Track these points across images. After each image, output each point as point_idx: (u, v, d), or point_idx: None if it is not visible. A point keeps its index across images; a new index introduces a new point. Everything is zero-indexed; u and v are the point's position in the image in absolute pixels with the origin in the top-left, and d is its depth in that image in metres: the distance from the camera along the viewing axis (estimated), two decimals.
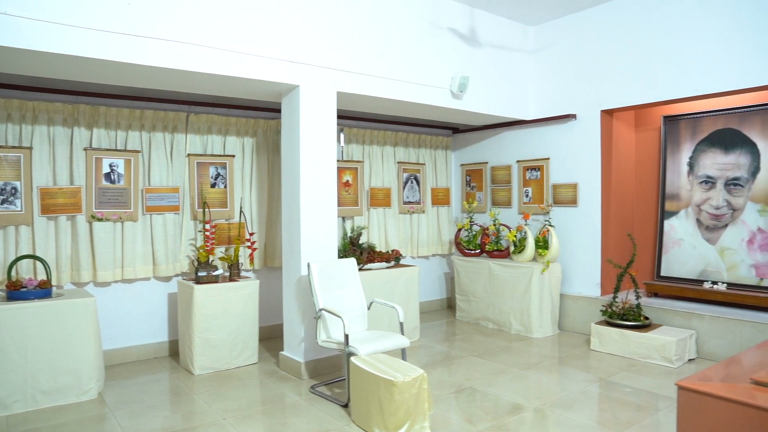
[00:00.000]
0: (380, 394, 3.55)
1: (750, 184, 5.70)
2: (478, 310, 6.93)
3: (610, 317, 5.67)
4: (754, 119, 5.70)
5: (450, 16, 6.09)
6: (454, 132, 8.12)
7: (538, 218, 6.79)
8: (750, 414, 2.36)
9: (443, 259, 8.05)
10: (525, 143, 7.13)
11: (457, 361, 5.46)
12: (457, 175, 8.12)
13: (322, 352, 5.00)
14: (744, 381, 2.61)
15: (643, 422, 3.92)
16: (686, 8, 5.56)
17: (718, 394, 2.44)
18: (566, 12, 6.51)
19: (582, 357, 5.54)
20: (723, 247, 5.84)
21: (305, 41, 4.89)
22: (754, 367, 2.86)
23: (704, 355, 5.38)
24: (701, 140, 6.08)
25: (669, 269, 6.22)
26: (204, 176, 5.81)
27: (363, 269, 5.74)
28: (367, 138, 7.13)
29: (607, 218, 6.41)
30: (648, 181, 6.69)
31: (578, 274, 6.55)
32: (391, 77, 5.54)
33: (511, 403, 4.30)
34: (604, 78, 6.27)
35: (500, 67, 6.67)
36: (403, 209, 7.46)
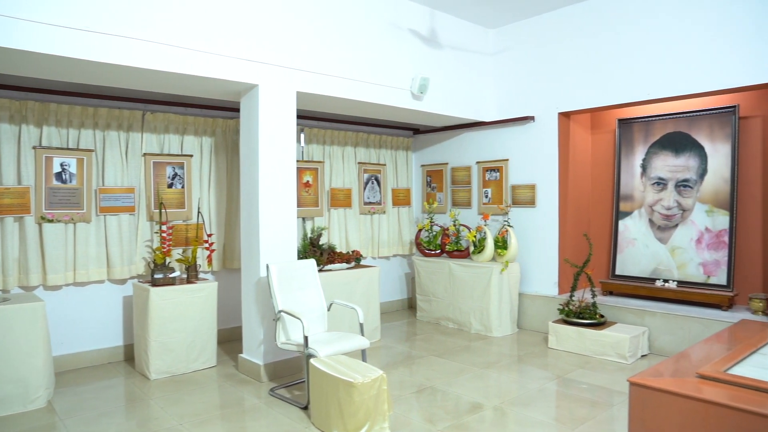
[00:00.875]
0: (340, 395, 3.54)
1: (698, 185, 5.89)
2: (438, 310, 6.98)
3: (567, 316, 5.78)
4: (701, 123, 5.90)
5: (411, 18, 6.12)
6: (415, 133, 8.16)
7: (497, 219, 6.88)
8: (696, 407, 2.44)
9: (404, 259, 8.08)
10: (484, 144, 7.21)
11: (418, 361, 5.49)
12: (418, 176, 8.17)
13: (281, 354, 4.96)
14: (691, 375, 2.69)
15: (597, 417, 4.01)
16: (639, 17, 5.72)
17: (666, 388, 2.51)
18: (525, 15, 6.62)
19: (540, 355, 5.63)
20: (674, 246, 6.02)
21: (264, 40, 4.84)
22: (701, 362, 2.96)
23: (656, 351, 5.54)
24: (653, 143, 6.26)
25: (623, 268, 6.39)
26: (161, 176, 5.68)
27: (323, 270, 5.71)
28: (327, 138, 7.10)
29: (565, 218, 6.54)
30: (603, 183, 6.86)
31: (536, 273, 6.66)
32: (351, 77, 5.53)
33: (471, 402, 4.33)
34: (561, 81, 6.40)
35: (460, 69, 6.73)
36: (364, 210, 7.46)
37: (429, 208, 7.37)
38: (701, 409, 2.44)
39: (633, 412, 2.66)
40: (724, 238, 5.68)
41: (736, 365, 2.89)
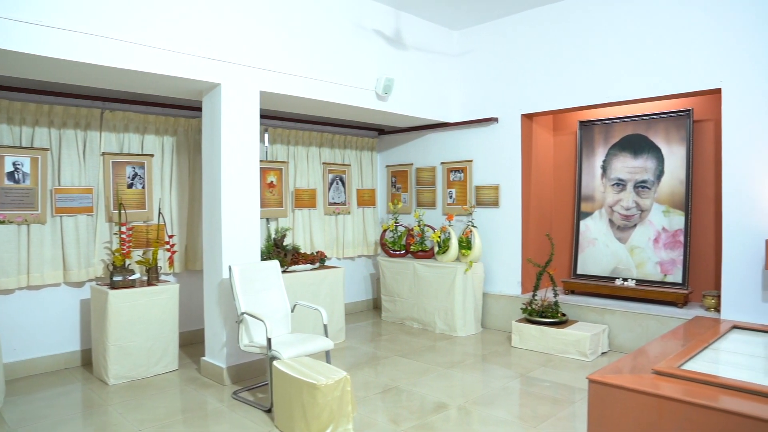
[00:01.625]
0: (303, 397, 3.51)
1: (656, 186, 6.05)
2: (403, 310, 6.99)
3: (529, 315, 5.86)
4: (658, 126, 6.06)
5: (376, 18, 6.12)
6: (380, 133, 8.16)
7: (461, 219, 6.93)
8: (652, 402, 2.50)
9: (369, 260, 8.07)
10: (449, 145, 7.26)
11: (383, 361, 5.49)
12: (383, 177, 8.17)
13: (244, 356, 4.89)
14: (647, 372, 2.76)
15: (559, 414, 4.07)
16: (600, 22, 5.85)
17: (624, 385, 2.57)
18: (490, 18, 6.69)
19: (503, 354, 5.69)
20: (633, 245, 6.16)
21: (227, 39, 4.78)
22: (657, 358, 3.03)
23: (615, 348, 5.66)
24: (613, 145, 6.39)
25: (584, 267, 6.50)
26: (120, 176, 5.55)
27: (287, 271, 5.66)
28: (292, 138, 7.05)
29: (527, 219, 6.63)
30: (565, 183, 6.98)
31: (500, 273, 6.74)
32: (316, 77, 5.51)
33: (436, 402, 4.35)
34: (524, 83, 6.49)
35: (425, 70, 6.76)
36: (329, 210, 7.43)
37: (394, 209, 7.39)
38: (657, 404, 2.50)
39: (592, 408, 2.71)
40: (680, 238, 5.84)
41: (690, 361, 2.98)
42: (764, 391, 2.48)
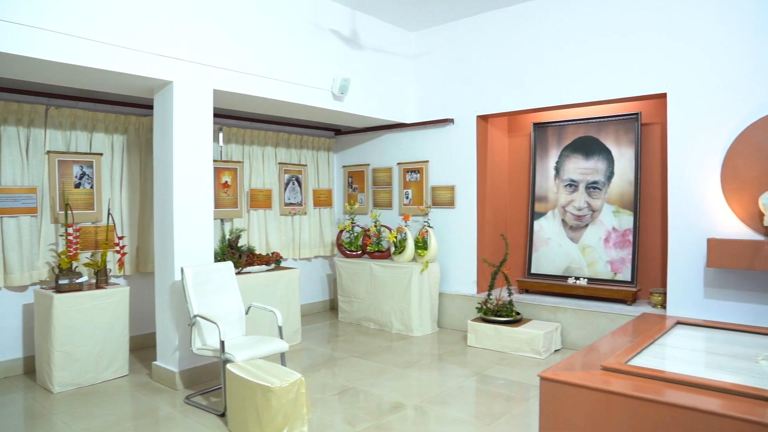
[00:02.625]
0: (257, 401, 3.46)
1: (606, 187, 6.20)
2: (360, 311, 6.98)
3: (485, 314, 5.92)
4: (609, 129, 6.22)
5: (332, 18, 6.08)
6: (337, 133, 8.13)
7: (417, 219, 6.96)
8: (601, 397, 2.55)
9: (326, 260, 8.02)
10: (405, 146, 7.29)
11: (340, 362, 5.46)
12: (339, 177, 8.14)
13: (197, 360, 4.79)
14: (596, 368, 2.82)
15: (513, 412, 4.13)
16: (554, 26, 5.97)
17: (573, 381, 2.62)
18: (446, 20, 6.74)
19: (459, 353, 5.74)
20: (584, 245, 6.31)
21: (180, 36, 4.66)
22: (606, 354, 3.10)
23: (568, 345, 5.78)
24: (566, 146, 6.53)
25: (538, 267, 6.62)
26: (67, 176, 5.36)
27: (242, 273, 5.57)
28: (247, 138, 6.95)
29: (483, 219, 6.71)
30: (520, 184, 7.09)
31: (456, 273, 6.80)
32: (271, 77, 5.44)
33: (392, 402, 4.35)
34: (480, 85, 6.56)
35: (381, 71, 6.77)
36: (285, 211, 7.35)
37: (350, 209, 7.37)
38: (605, 399, 2.55)
39: (543, 405, 2.76)
40: (629, 237, 6.01)
41: (637, 356, 3.06)
42: (705, 383, 2.57)
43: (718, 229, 4.95)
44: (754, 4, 4.78)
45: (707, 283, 5.02)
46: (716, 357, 3.42)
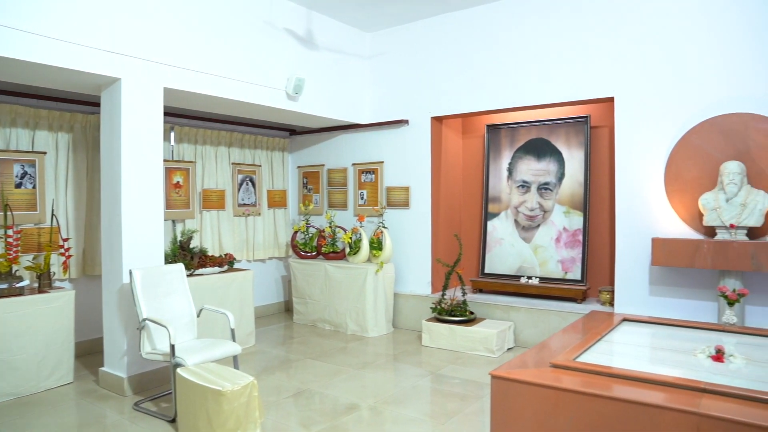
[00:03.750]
0: (208, 405, 3.39)
1: (557, 188, 6.35)
2: (315, 312, 6.94)
3: (439, 314, 5.97)
4: (560, 131, 6.37)
5: (287, 17, 6.03)
6: (291, 134, 8.06)
7: (372, 220, 6.97)
8: (550, 394, 2.61)
9: (280, 262, 7.95)
10: (360, 146, 7.29)
11: (295, 364, 5.41)
12: (294, 177, 8.08)
13: (147, 365, 4.66)
14: (546, 365, 2.88)
15: (467, 410, 4.17)
16: (507, 30, 6.07)
17: (523, 379, 2.66)
18: (401, 21, 6.77)
19: (414, 353, 5.77)
20: (536, 245, 6.43)
21: (129, 31, 4.54)
22: (556, 352, 3.17)
23: (521, 344, 5.89)
24: (518, 148, 6.65)
25: (492, 266, 6.72)
26: (6, 175, 5.14)
27: (194, 275, 5.46)
28: (200, 137, 6.82)
29: (437, 220, 6.77)
30: (473, 185, 7.18)
31: (410, 273, 6.83)
32: (224, 75, 5.35)
33: (347, 403, 4.34)
34: (434, 86, 6.62)
35: (336, 71, 6.75)
36: (238, 212, 7.24)
37: (305, 210, 7.32)
38: (554, 395, 2.61)
39: (495, 402, 2.80)
40: (579, 237, 6.16)
41: (585, 353, 3.14)
42: (648, 378, 2.65)
43: (661, 228, 5.12)
44: (696, 15, 4.97)
45: (652, 281, 5.19)
46: (659, 352, 3.54)
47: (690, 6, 5.00)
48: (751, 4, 4.74)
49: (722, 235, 4.71)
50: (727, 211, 4.64)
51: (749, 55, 4.75)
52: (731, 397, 2.44)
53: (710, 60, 4.91)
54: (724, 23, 4.85)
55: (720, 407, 2.33)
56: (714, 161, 4.86)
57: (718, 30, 4.87)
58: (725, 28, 4.85)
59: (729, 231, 4.65)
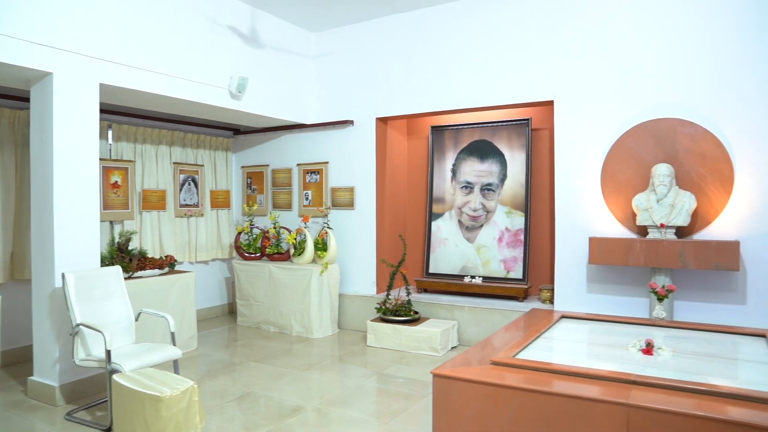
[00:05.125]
0: (146, 412, 3.29)
1: (500, 189, 6.48)
2: (259, 314, 6.85)
3: (384, 314, 6.00)
4: (502, 133, 6.51)
5: (231, 14, 5.94)
6: (235, 133, 7.93)
7: (317, 221, 6.94)
8: (490, 391, 2.66)
9: (223, 263, 7.80)
10: (305, 147, 7.24)
11: (238, 367, 5.33)
12: (238, 178, 7.95)
13: (81, 372, 4.48)
14: (486, 363, 2.93)
15: (411, 409, 4.21)
16: (452, 33, 6.17)
17: (463, 377, 2.71)
18: (347, 21, 6.76)
19: (359, 353, 5.78)
20: (479, 245, 6.55)
21: (62, 23, 4.35)
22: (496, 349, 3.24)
23: (464, 342, 5.98)
24: (462, 149, 6.76)
25: (436, 266, 6.80)
26: None
27: (132, 277, 5.30)
28: (139, 136, 6.62)
29: (382, 220, 6.80)
30: (418, 186, 7.25)
31: (356, 274, 6.84)
32: (164, 72, 5.22)
33: (292, 406, 4.30)
34: (380, 87, 6.65)
35: (281, 70, 6.68)
36: (180, 212, 7.07)
37: (249, 211, 7.21)
38: (493, 392, 2.67)
39: (436, 400, 2.83)
40: (521, 237, 6.31)
41: (524, 350, 3.22)
42: (583, 372, 2.75)
43: (598, 228, 5.31)
44: (633, 25, 5.19)
45: (590, 279, 5.37)
46: (595, 347, 3.67)
47: (627, 16, 5.21)
48: (681, 18, 4.99)
49: (653, 234, 4.92)
50: (658, 211, 4.85)
51: (679, 63, 5.00)
52: (658, 387, 2.55)
53: (644, 67, 5.14)
54: (658, 33, 5.08)
55: (648, 398, 2.43)
56: (646, 164, 5.08)
57: (652, 39, 5.10)
58: (658, 38, 5.08)
59: (659, 230, 4.87)
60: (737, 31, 4.77)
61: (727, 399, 2.43)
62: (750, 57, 4.73)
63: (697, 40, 4.92)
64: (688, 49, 4.96)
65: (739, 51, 4.77)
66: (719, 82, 4.84)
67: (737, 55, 4.77)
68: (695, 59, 4.93)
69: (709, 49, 4.88)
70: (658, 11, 5.07)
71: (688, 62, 4.96)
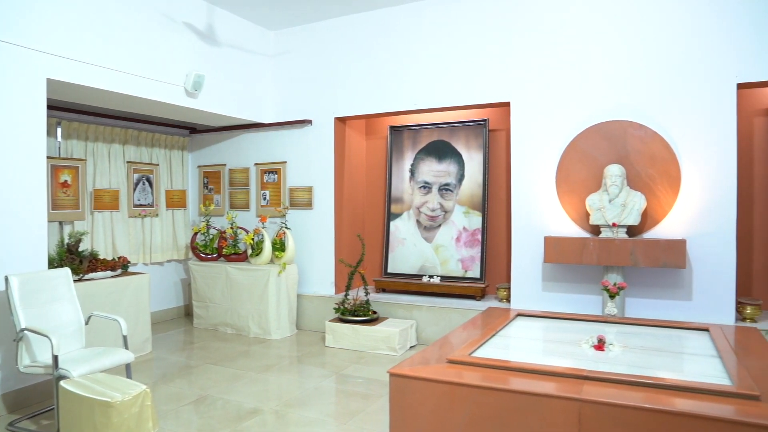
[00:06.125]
0: (95, 418, 3.20)
1: (457, 189, 6.55)
2: (216, 316, 6.74)
3: (342, 314, 5.99)
4: (460, 133, 6.58)
5: (187, 11, 5.83)
6: (192, 132, 7.79)
7: (275, 221, 6.88)
8: (446, 389, 2.68)
9: (179, 264, 7.64)
10: (263, 146, 7.17)
11: (195, 370, 5.23)
12: (195, 177, 7.81)
13: (25, 380, 4.31)
14: (443, 362, 2.96)
15: (369, 409, 4.21)
16: (411, 34, 6.21)
17: (419, 375, 2.73)
18: (306, 20, 6.72)
19: (318, 354, 5.75)
20: (438, 244, 6.60)
21: (4, 15, 4.19)
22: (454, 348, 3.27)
23: (423, 341, 6.02)
24: (420, 150, 6.80)
25: (395, 266, 6.82)
26: None
27: (83, 280, 5.14)
28: (91, 134, 6.42)
29: (340, 220, 6.78)
30: (377, 186, 7.26)
31: (314, 274, 6.80)
32: (117, 68, 5.08)
33: (249, 408, 4.25)
34: (338, 87, 6.63)
35: (239, 69, 6.59)
36: (134, 213, 6.90)
37: (206, 211, 7.09)
38: (449, 390, 2.69)
39: (393, 400, 2.84)
40: (478, 236, 6.39)
41: (481, 348, 3.26)
42: (538, 369, 2.80)
43: (553, 227, 5.42)
44: (586, 29, 5.31)
45: (545, 277, 5.48)
46: (549, 344, 3.75)
47: (581, 21, 5.34)
48: (632, 23, 5.14)
49: (606, 234, 5.05)
50: (610, 210, 4.99)
51: (630, 68, 5.15)
52: (609, 382, 2.62)
53: (597, 70, 5.28)
54: (611, 38, 5.23)
55: (599, 392, 2.50)
56: (599, 164, 5.21)
57: (606, 43, 5.24)
58: (611, 43, 5.22)
59: (612, 229, 5.00)
60: (684, 38, 4.95)
61: (673, 391, 2.52)
62: (695, 63, 4.91)
63: (647, 46, 5.08)
64: (638, 54, 5.11)
65: (685, 57, 4.94)
66: (667, 86, 5.01)
67: (684, 61, 4.95)
68: (645, 64, 5.09)
69: (658, 55, 5.04)
70: (612, 17, 5.22)
71: (638, 67, 5.11)
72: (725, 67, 4.81)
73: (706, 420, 2.27)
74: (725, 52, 4.81)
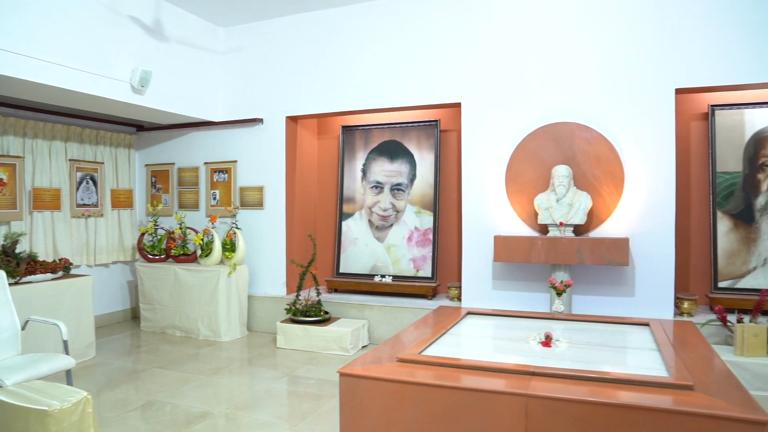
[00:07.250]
0: (31, 428, 3.05)
1: (409, 189, 6.58)
2: (164, 319, 6.58)
3: (294, 315, 5.94)
4: (411, 134, 6.62)
5: (132, 4, 5.67)
6: (139, 129, 7.57)
7: (225, 221, 6.77)
8: (396, 388, 2.70)
9: (126, 266, 7.42)
10: (213, 145, 7.04)
11: (142, 375, 5.09)
12: (142, 176, 7.60)
13: None
14: (393, 360, 2.97)
15: (320, 410, 4.19)
16: (362, 34, 6.22)
17: (369, 375, 2.73)
18: (257, 18, 6.63)
19: (269, 356, 5.68)
20: (389, 244, 6.62)
21: None
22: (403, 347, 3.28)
23: (375, 341, 6.03)
24: (372, 149, 6.80)
25: (347, 266, 6.80)
26: None
27: (20, 283, 4.93)
28: (29, 130, 6.16)
29: (292, 220, 6.72)
30: (329, 185, 7.22)
31: (265, 274, 6.72)
32: (56, 62, 4.89)
33: (198, 412, 4.16)
34: (290, 85, 6.57)
35: (188, 65, 6.45)
36: (77, 213, 6.65)
37: (153, 211, 6.91)
38: (399, 389, 2.70)
39: (343, 400, 2.83)
40: (430, 236, 6.44)
41: (431, 346, 3.29)
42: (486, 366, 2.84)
43: (503, 227, 5.52)
44: (536, 32, 5.43)
45: (495, 276, 5.57)
46: (498, 341, 3.81)
47: (530, 25, 5.46)
48: (578, 27, 5.28)
49: (554, 233, 5.17)
50: (558, 210, 5.11)
51: (577, 70, 5.29)
52: (555, 377, 2.68)
53: (545, 73, 5.40)
54: (559, 41, 5.36)
55: (546, 387, 2.55)
56: (547, 165, 5.33)
57: (553, 46, 5.37)
58: (559, 46, 5.35)
59: (559, 228, 5.12)
60: (627, 43, 5.12)
61: (616, 384, 2.60)
62: (637, 68, 5.09)
63: (594, 50, 5.23)
64: (585, 57, 5.26)
65: (628, 62, 5.12)
66: (611, 90, 5.18)
67: (627, 66, 5.12)
68: (592, 68, 5.24)
69: (603, 59, 5.20)
70: (559, 21, 5.35)
71: (585, 70, 5.26)
72: (665, 72, 5.00)
73: (645, 410, 2.35)
74: (665, 58, 5.00)
